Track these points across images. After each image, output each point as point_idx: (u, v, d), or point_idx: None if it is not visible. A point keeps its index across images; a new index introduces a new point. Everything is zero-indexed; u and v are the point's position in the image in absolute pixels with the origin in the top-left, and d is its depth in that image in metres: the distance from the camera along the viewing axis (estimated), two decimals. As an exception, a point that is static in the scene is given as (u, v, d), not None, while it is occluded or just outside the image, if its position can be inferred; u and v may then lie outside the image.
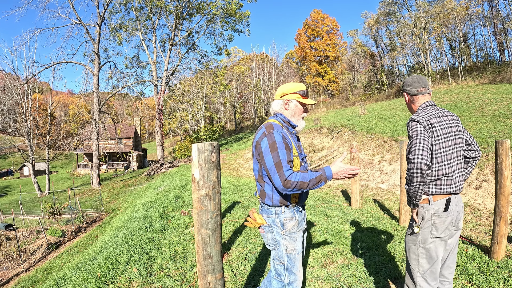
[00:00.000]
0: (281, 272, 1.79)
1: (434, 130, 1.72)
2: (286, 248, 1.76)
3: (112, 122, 25.26)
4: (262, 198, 1.79)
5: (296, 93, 1.82)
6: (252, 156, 1.81)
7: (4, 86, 19.81)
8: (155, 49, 24.99)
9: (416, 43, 32.35)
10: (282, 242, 1.76)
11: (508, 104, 12.29)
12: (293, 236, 1.77)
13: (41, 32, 19.73)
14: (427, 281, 1.81)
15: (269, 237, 1.81)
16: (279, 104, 1.85)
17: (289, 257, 1.77)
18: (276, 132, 1.66)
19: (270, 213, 1.77)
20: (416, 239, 1.83)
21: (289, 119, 1.83)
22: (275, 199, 1.73)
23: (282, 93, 1.84)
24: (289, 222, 1.75)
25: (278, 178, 1.56)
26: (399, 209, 4.63)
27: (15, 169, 43.17)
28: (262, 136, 1.68)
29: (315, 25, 49.56)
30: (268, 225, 1.79)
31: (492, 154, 7.54)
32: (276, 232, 1.77)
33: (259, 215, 1.82)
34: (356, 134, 14.90)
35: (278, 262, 1.79)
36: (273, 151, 1.60)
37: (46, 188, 21.04)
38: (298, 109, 1.84)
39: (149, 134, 72.23)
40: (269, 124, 1.74)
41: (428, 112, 1.79)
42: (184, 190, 8.43)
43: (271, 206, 1.76)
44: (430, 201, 1.77)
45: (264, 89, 51.80)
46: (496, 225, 3.09)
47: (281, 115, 1.84)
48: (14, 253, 8.26)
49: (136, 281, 2.97)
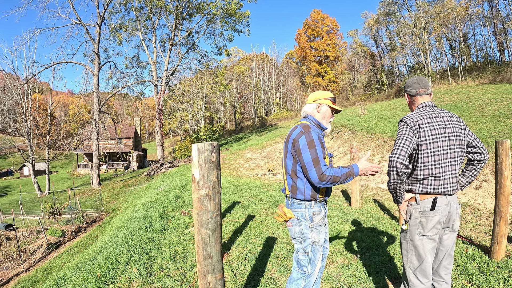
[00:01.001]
0: (304, 263, 1.94)
1: (422, 131, 1.76)
2: (313, 240, 1.92)
3: (112, 122, 25.26)
4: (293, 193, 1.94)
5: (328, 99, 2.05)
6: (286, 152, 1.97)
7: (4, 86, 19.80)
8: (155, 49, 24.99)
9: (416, 43, 32.35)
10: (310, 234, 1.92)
11: (508, 104, 12.29)
12: (319, 229, 1.95)
13: (41, 32, 19.74)
14: (417, 278, 1.84)
15: (296, 230, 1.95)
16: (312, 107, 2.06)
17: (314, 248, 1.94)
18: (313, 132, 1.86)
19: (300, 208, 1.93)
20: (406, 236, 1.89)
21: (320, 122, 2.04)
22: (307, 193, 1.90)
23: (315, 98, 2.07)
24: (317, 216, 1.93)
25: (315, 172, 1.75)
26: (399, 209, 4.63)
27: (15, 169, 43.16)
28: (300, 134, 1.86)
29: (315, 25, 49.57)
30: (297, 218, 1.93)
31: (492, 154, 7.54)
32: (305, 225, 1.92)
33: (288, 209, 1.97)
34: (356, 134, 14.90)
35: (302, 253, 1.94)
36: (310, 148, 1.79)
37: (46, 188, 21.03)
38: (327, 113, 2.06)
39: (149, 134, 72.22)
40: (305, 124, 1.93)
41: (420, 113, 1.82)
42: (184, 190, 8.43)
43: (302, 200, 1.92)
44: (417, 199, 1.82)
45: (264, 89, 51.81)
46: (496, 225, 3.09)
47: (313, 117, 2.04)
48: (14, 253, 8.26)
49: (136, 281, 2.97)
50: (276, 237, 4.01)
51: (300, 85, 53.81)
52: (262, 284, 2.80)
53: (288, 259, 3.31)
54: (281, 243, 3.78)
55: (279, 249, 3.60)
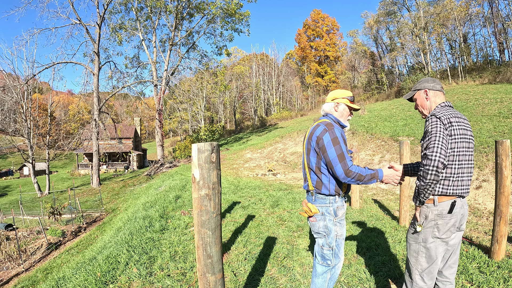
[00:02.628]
0: (329, 257, 2.00)
1: (453, 129, 1.72)
2: (337, 234, 1.98)
3: (112, 122, 25.26)
4: (318, 188, 1.99)
5: (345, 98, 2.10)
6: (309, 150, 2.00)
7: (4, 86, 19.80)
8: (155, 49, 24.99)
9: (416, 43, 32.35)
10: (334, 228, 1.98)
11: (508, 104, 12.29)
12: (342, 223, 2.02)
13: (41, 32, 19.74)
14: (423, 280, 1.83)
15: (320, 225, 1.99)
16: (330, 106, 2.12)
17: (338, 242, 2.00)
18: (337, 129, 1.92)
19: (324, 202, 1.98)
20: (418, 237, 1.84)
21: (339, 119, 2.09)
22: (332, 188, 1.95)
23: (334, 97, 2.12)
24: (340, 210, 2.00)
25: (341, 167, 1.81)
26: (399, 209, 4.63)
27: (15, 169, 43.15)
28: (324, 132, 1.91)
29: (315, 25, 49.58)
30: (322, 213, 1.98)
31: (492, 154, 7.54)
32: (329, 220, 1.98)
33: (312, 205, 2.01)
34: (356, 134, 14.90)
35: (327, 248, 1.99)
36: (335, 145, 1.85)
37: (46, 188, 21.03)
38: (346, 112, 2.11)
39: (149, 134, 72.21)
40: (327, 122, 1.98)
41: (448, 111, 1.79)
42: (184, 190, 8.43)
43: (327, 195, 1.97)
44: (435, 201, 1.77)
45: (264, 89, 51.80)
46: (496, 225, 3.08)
47: (332, 115, 2.10)
48: (14, 253, 8.26)
49: (136, 281, 2.97)
50: (276, 237, 4.01)
51: (300, 85, 53.82)
52: (262, 284, 2.80)
53: (288, 259, 3.31)
54: (281, 243, 3.78)
55: (279, 249, 3.60)
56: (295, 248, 3.60)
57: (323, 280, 2.01)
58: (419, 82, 1.99)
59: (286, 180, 11.02)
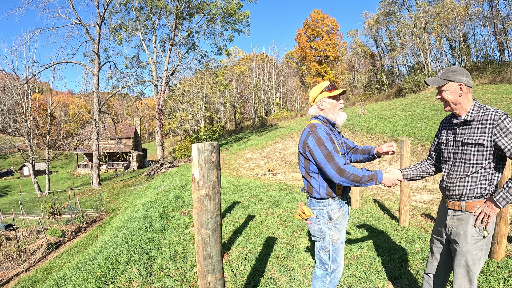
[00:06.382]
0: (325, 261, 1.95)
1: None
2: (332, 238, 1.92)
3: (112, 122, 25.26)
4: (310, 192, 1.96)
5: (323, 91, 1.98)
6: (299, 154, 1.99)
7: (4, 86, 19.80)
8: (155, 49, 24.98)
9: (416, 43, 32.36)
10: (328, 232, 1.92)
11: (508, 104, 12.29)
12: (339, 227, 1.94)
13: (41, 32, 19.74)
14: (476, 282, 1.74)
15: (315, 228, 1.95)
16: (314, 108, 2.05)
17: (334, 246, 1.93)
18: (319, 129, 1.85)
19: (317, 206, 1.93)
20: (483, 243, 1.70)
21: (327, 117, 1.99)
22: (322, 192, 1.90)
23: (312, 98, 2.04)
24: (335, 213, 1.92)
25: (331, 167, 1.74)
26: (399, 209, 4.63)
27: (15, 169, 43.15)
28: (308, 135, 1.87)
29: (315, 25, 49.60)
30: (316, 216, 1.94)
31: (492, 154, 7.53)
32: (323, 223, 1.92)
33: (307, 208, 1.98)
34: (356, 134, 14.90)
35: (323, 252, 1.95)
36: (320, 146, 1.79)
37: (46, 188, 21.03)
38: (331, 105, 1.99)
39: (149, 134, 72.20)
40: (311, 124, 1.93)
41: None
42: (184, 190, 8.43)
43: (319, 199, 1.92)
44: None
45: (264, 89, 51.80)
46: (496, 225, 3.08)
47: (320, 116, 2.02)
48: (14, 253, 8.26)
49: (136, 281, 2.97)
50: (276, 237, 4.01)
51: (300, 85, 53.84)
52: (262, 284, 2.80)
53: (288, 259, 3.31)
54: (281, 243, 3.78)
55: (279, 249, 3.60)
56: (295, 248, 3.60)
57: (322, 284, 1.99)
58: (451, 72, 1.69)
59: (286, 180, 11.03)
